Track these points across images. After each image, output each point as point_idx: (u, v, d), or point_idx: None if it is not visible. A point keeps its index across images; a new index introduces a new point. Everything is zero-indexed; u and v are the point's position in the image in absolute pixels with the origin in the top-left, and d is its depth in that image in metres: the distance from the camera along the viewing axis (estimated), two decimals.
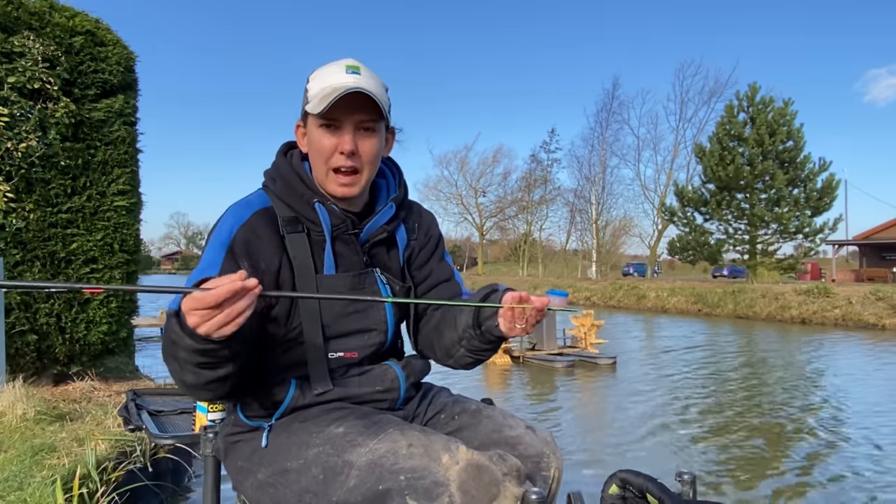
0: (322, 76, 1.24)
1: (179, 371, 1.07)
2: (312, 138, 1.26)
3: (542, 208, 50.11)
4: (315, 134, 1.25)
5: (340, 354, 1.27)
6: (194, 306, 0.94)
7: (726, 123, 30.26)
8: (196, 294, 0.94)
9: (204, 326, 0.95)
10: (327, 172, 1.26)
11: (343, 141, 1.23)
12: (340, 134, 1.23)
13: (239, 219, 1.24)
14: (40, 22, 4.87)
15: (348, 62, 1.25)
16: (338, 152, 1.23)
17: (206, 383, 1.08)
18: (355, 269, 1.31)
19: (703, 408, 7.72)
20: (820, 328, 19.09)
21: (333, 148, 1.24)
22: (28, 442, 3.37)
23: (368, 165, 1.27)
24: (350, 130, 1.23)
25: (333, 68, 1.24)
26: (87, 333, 5.02)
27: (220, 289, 0.93)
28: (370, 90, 1.20)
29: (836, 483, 4.90)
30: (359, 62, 1.26)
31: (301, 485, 1.13)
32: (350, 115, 1.22)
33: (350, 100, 1.19)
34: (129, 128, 5.38)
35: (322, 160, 1.25)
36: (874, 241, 37.63)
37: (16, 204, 4.62)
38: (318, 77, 1.25)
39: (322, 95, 1.21)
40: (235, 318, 0.95)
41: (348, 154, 1.23)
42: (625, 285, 30.81)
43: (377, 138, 1.27)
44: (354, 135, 1.24)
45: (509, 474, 1.08)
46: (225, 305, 0.94)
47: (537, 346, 11.59)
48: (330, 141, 1.24)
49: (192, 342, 0.98)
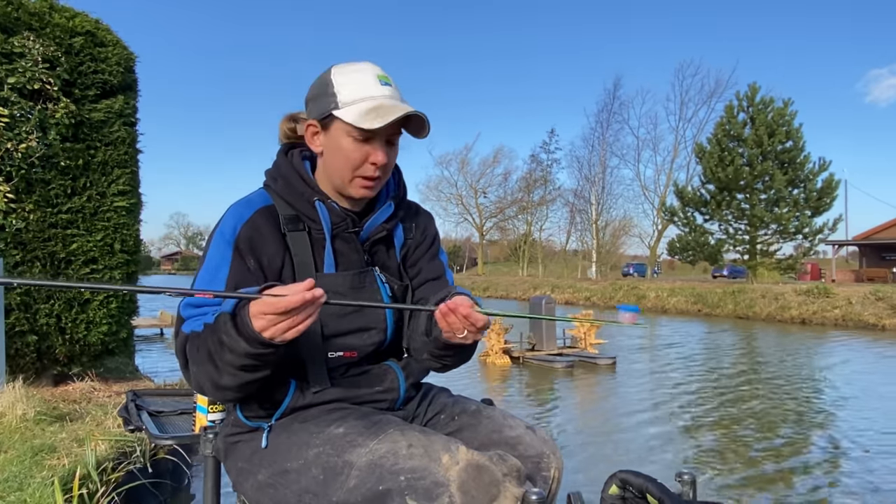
0: (354, 82, 1.22)
1: (215, 373, 1.08)
2: (341, 144, 1.24)
3: (542, 209, 50.18)
4: (344, 141, 1.23)
5: (340, 354, 1.27)
6: (265, 310, 0.97)
7: (725, 124, 30.27)
8: (268, 299, 0.97)
9: (270, 331, 0.98)
10: (353, 178, 1.25)
11: (377, 154, 1.23)
12: (374, 146, 1.23)
13: (241, 217, 1.24)
14: (40, 22, 4.87)
15: (377, 70, 1.24)
16: (369, 163, 1.23)
17: (242, 385, 1.10)
18: (355, 268, 1.31)
19: (704, 408, 7.72)
20: (820, 328, 19.09)
21: (365, 158, 1.23)
22: (28, 442, 3.37)
23: (388, 173, 1.29)
24: (381, 143, 1.24)
25: (365, 76, 1.23)
26: (87, 334, 5.02)
27: (293, 297, 0.96)
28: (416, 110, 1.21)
29: (835, 483, 4.90)
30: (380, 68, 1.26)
31: (301, 485, 1.13)
32: (387, 129, 1.22)
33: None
34: (129, 128, 5.39)
35: (350, 167, 1.24)
36: (874, 242, 37.63)
37: (16, 204, 4.62)
38: (349, 82, 1.22)
39: (367, 109, 1.19)
40: (300, 325, 0.99)
41: (382, 167, 1.24)
42: (625, 285, 30.82)
43: (397, 149, 1.29)
44: (385, 147, 1.25)
45: (509, 475, 1.08)
46: (293, 312, 0.97)
47: (537, 346, 11.59)
48: (362, 152, 1.23)
49: (248, 346, 1.01)
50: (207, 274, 1.20)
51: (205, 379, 1.11)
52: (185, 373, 1.16)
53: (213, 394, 1.15)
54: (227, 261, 1.20)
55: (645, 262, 46.68)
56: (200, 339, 1.09)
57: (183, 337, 1.15)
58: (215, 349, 1.05)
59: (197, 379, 1.13)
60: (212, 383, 1.11)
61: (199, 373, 1.11)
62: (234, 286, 1.18)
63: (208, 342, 1.07)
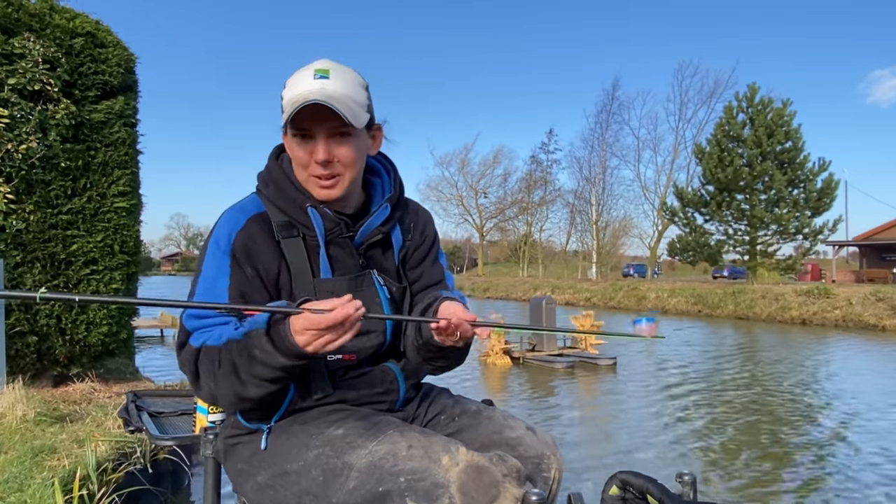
0: (292, 83, 1.20)
1: (239, 386, 1.08)
2: (289, 147, 1.25)
3: (542, 209, 50.14)
4: (290, 143, 1.24)
5: (339, 357, 1.27)
6: (308, 326, 0.98)
7: (725, 124, 30.28)
8: (312, 316, 0.97)
9: (312, 346, 0.99)
10: (308, 178, 1.24)
11: (316, 150, 1.20)
12: (314, 143, 1.21)
13: (235, 224, 1.23)
14: (40, 23, 4.87)
15: (318, 65, 1.21)
16: (313, 161, 1.21)
17: (265, 395, 1.10)
18: (351, 272, 1.30)
19: (704, 408, 7.71)
20: (820, 329, 19.08)
21: (308, 157, 1.22)
22: (28, 443, 3.37)
23: (348, 169, 1.24)
24: (323, 139, 1.20)
25: (303, 74, 1.20)
26: (88, 335, 5.02)
27: (336, 313, 0.96)
28: (334, 98, 1.16)
29: (836, 483, 4.90)
30: (331, 63, 1.21)
31: (301, 486, 1.13)
32: (320, 123, 1.19)
33: (318, 108, 1.15)
34: (130, 129, 5.39)
35: (301, 167, 1.24)
36: (874, 242, 37.62)
37: (16, 205, 4.62)
38: (289, 84, 1.21)
39: (289, 107, 1.17)
40: (339, 339, 0.99)
41: (322, 163, 1.21)
42: (625, 286, 30.81)
43: (352, 143, 1.23)
44: (328, 142, 1.20)
45: (509, 475, 1.08)
46: (337, 327, 0.98)
47: (537, 346, 11.59)
48: (304, 150, 1.22)
49: (286, 360, 1.02)
50: (206, 284, 1.19)
51: (226, 391, 1.10)
52: (196, 385, 1.15)
53: (231, 405, 1.15)
54: (225, 272, 1.19)
55: (645, 262, 46.67)
56: (222, 354, 1.08)
57: (192, 350, 1.13)
58: (242, 362, 1.05)
59: (213, 392, 1.12)
60: (235, 394, 1.10)
61: (218, 386, 1.10)
62: (236, 296, 1.18)
63: (233, 356, 1.06)
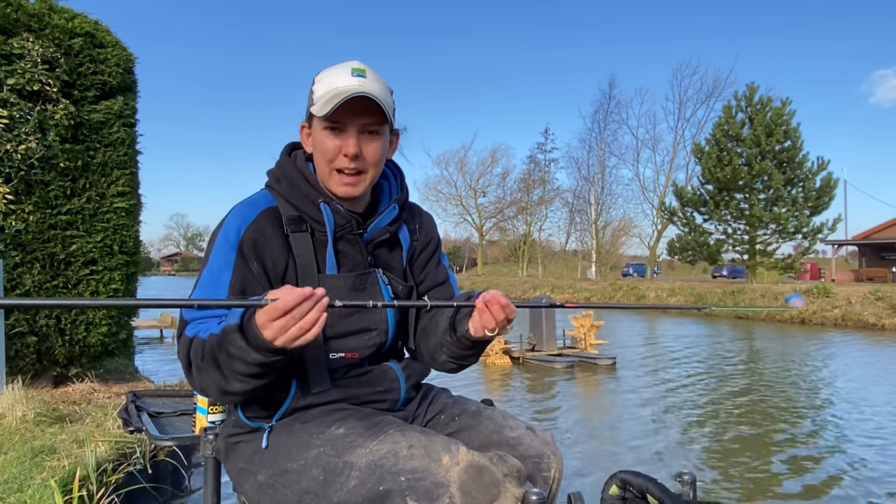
0: (327, 78, 1.25)
1: (222, 380, 1.08)
2: (317, 139, 1.27)
3: (541, 209, 50.13)
4: (319, 136, 1.26)
5: (341, 355, 1.27)
6: (271, 317, 0.97)
7: (724, 124, 30.28)
8: (267, 307, 0.96)
9: (281, 339, 0.98)
10: (331, 173, 1.27)
11: (347, 144, 1.24)
12: (345, 137, 1.24)
13: (245, 219, 1.24)
14: (39, 24, 4.87)
15: (354, 65, 1.25)
16: (342, 154, 1.24)
17: (250, 390, 1.10)
18: (359, 269, 1.31)
19: (704, 408, 7.72)
20: (819, 328, 19.10)
21: (337, 150, 1.24)
22: (28, 444, 3.37)
23: (372, 167, 1.28)
24: (354, 133, 1.24)
25: (339, 71, 1.25)
26: (87, 335, 5.01)
27: (288, 296, 0.96)
28: (375, 94, 1.21)
29: (837, 483, 4.90)
30: (365, 65, 1.27)
31: (301, 486, 1.13)
32: (354, 118, 1.23)
33: (355, 104, 1.20)
34: (129, 129, 5.38)
35: (326, 161, 1.26)
36: (874, 241, 37.65)
37: (15, 206, 4.61)
38: (323, 79, 1.26)
39: (327, 98, 1.21)
40: (310, 330, 0.98)
41: (352, 157, 1.24)
42: (624, 286, 30.83)
43: (381, 141, 1.28)
44: (358, 138, 1.24)
45: (509, 475, 1.08)
46: (296, 314, 0.97)
47: (537, 346, 11.59)
48: (334, 143, 1.24)
49: (259, 355, 1.01)
50: (210, 276, 1.20)
51: (210, 384, 1.11)
52: (188, 375, 1.16)
53: (217, 398, 1.16)
54: (229, 264, 1.20)
55: (644, 262, 46.67)
56: (206, 348, 1.09)
57: (186, 340, 1.15)
58: (223, 359, 1.05)
59: (201, 383, 1.13)
60: (218, 389, 1.11)
61: (204, 378, 1.11)
62: (238, 290, 1.19)
63: (215, 352, 1.07)
